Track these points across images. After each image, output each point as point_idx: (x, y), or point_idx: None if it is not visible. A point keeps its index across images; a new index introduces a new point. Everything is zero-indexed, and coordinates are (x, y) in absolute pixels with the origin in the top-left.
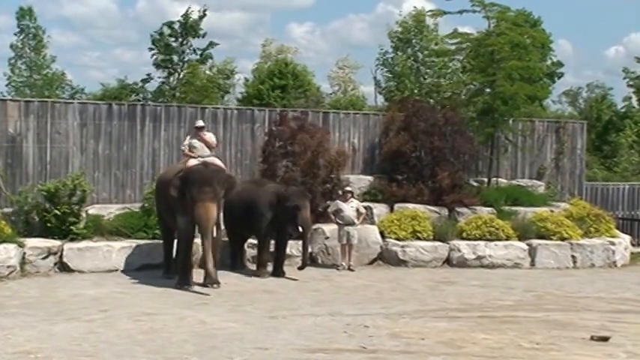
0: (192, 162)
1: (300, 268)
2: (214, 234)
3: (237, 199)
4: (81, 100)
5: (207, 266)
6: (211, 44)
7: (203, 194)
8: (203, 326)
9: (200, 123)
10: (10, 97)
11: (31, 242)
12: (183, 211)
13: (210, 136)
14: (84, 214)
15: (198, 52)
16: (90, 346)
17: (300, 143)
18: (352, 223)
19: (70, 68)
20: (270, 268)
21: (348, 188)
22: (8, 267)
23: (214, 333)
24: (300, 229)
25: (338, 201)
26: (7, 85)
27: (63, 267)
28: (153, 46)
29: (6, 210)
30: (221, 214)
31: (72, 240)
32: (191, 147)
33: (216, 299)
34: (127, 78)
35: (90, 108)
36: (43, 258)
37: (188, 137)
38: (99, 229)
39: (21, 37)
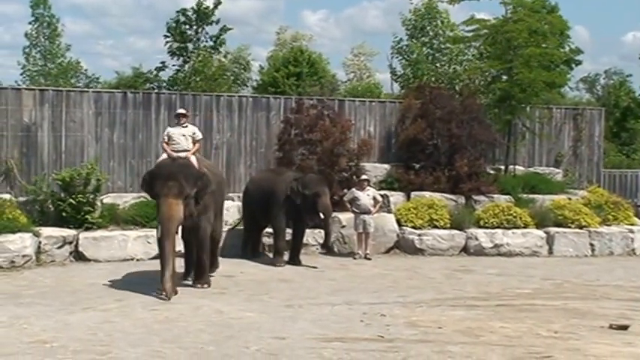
0: (162, 156)
1: (323, 247)
2: (178, 232)
3: (256, 188)
4: (96, 89)
5: (163, 276)
6: (224, 29)
7: (166, 189)
8: (219, 316)
9: (181, 110)
10: (25, 86)
11: (47, 231)
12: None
13: (190, 129)
14: (99, 203)
15: (212, 39)
16: (105, 335)
17: (321, 131)
18: (368, 212)
19: (84, 57)
20: (286, 256)
21: (365, 177)
22: (24, 256)
23: (231, 322)
24: (322, 215)
25: (354, 189)
26: (21, 74)
27: (78, 256)
28: (168, 34)
29: (21, 199)
30: (211, 214)
31: (87, 229)
32: (169, 138)
33: (233, 288)
34: (141, 66)
35: (105, 97)
36: (59, 247)
37: (169, 127)
38: (114, 218)
39: (35, 26)
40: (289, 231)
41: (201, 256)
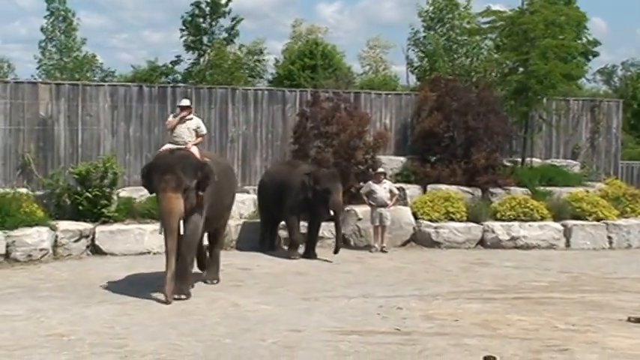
0: (164, 147)
1: (335, 252)
2: (182, 231)
3: (271, 181)
4: (111, 83)
5: (166, 275)
6: (235, 20)
7: (164, 183)
8: (236, 308)
9: (185, 102)
10: (41, 80)
11: (63, 225)
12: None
13: (195, 122)
14: (115, 197)
15: (226, 31)
16: (122, 328)
17: (338, 123)
18: (385, 205)
19: (100, 50)
20: (301, 249)
21: (381, 169)
22: (41, 250)
23: (247, 315)
24: (332, 212)
25: (371, 182)
26: (38, 69)
27: (95, 250)
28: (183, 27)
29: (38, 193)
30: (203, 211)
31: (104, 223)
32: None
33: (249, 281)
34: (157, 60)
35: (120, 90)
36: (75, 241)
37: (171, 115)
38: (130, 212)
39: (51, 20)
40: (305, 224)
41: (185, 257)
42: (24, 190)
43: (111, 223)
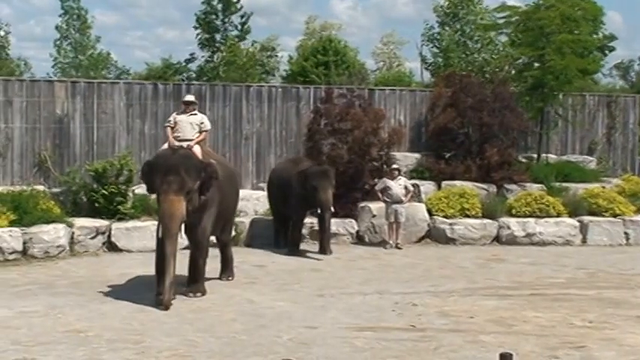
0: (164, 146)
1: (321, 253)
2: (181, 235)
3: (277, 178)
4: (127, 80)
5: (164, 281)
6: (246, 16)
7: (165, 184)
8: (251, 305)
9: (189, 97)
10: (57, 78)
11: (80, 222)
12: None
13: (199, 118)
14: (131, 194)
15: (238, 28)
16: (139, 324)
17: (353, 120)
18: (400, 201)
19: (114, 48)
20: (300, 247)
21: (396, 166)
22: (58, 247)
23: (263, 312)
24: (319, 210)
25: (385, 179)
26: (53, 67)
27: (111, 246)
28: (197, 25)
29: (55, 190)
30: (214, 210)
31: (119, 220)
32: (176, 124)
33: (264, 278)
34: (171, 57)
35: (135, 88)
36: (92, 238)
37: (174, 113)
38: (146, 209)
39: (65, 19)
40: (316, 221)
41: (197, 259)
42: (41, 188)
43: (127, 220)
